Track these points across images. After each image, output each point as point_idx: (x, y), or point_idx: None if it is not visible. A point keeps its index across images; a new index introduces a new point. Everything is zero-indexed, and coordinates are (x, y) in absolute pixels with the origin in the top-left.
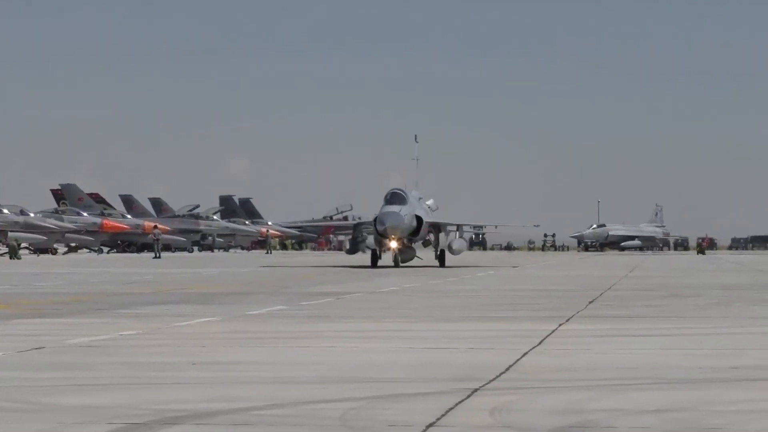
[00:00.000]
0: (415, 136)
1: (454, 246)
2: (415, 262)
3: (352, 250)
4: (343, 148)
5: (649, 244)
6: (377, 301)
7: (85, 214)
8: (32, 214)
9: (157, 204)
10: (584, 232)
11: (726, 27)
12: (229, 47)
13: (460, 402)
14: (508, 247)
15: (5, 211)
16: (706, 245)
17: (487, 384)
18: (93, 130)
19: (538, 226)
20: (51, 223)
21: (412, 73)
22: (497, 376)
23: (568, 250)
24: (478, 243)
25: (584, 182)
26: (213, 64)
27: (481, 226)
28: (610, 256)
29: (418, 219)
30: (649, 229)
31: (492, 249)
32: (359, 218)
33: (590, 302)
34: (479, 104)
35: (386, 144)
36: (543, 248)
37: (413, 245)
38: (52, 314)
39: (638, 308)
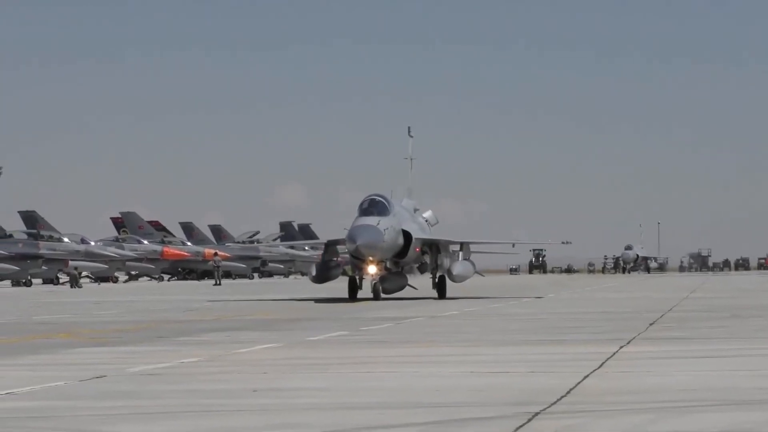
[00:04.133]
0: (409, 128)
1: (455, 270)
2: (405, 292)
3: (320, 278)
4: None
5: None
6: (437, 326)
7: (145, 241)
8: (93, 243)
9: (217, 231)
10: (627, 254)
11: None
12: (279, 80)
13: (520, 426)
14: (568, 270)
15: (66, 239)
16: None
17: (547, 408)
18: (152, 158)
19: (568, 243)
20: (111, 251)
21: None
22: (558, 400)
23: (630, 273)
24: (537, 266)
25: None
26: (268, 92)
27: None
28: (669, 277)
29: (407, 235)
30: (642, 251)
31: (552, 272)
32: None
33: (651, 324)
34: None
35: (444, 165)
36: (603, 270)
37: (404, 270)
38: (113, 342)
39: (699, 329)
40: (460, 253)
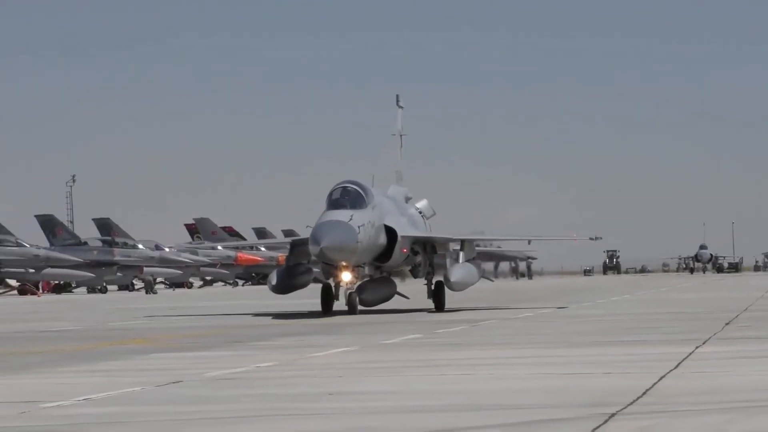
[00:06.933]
0: (397, 97)
1: (454, 276)
2: (393, 303)
3: (282, 287)
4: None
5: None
6: (512, 328)
7: (219, 247)
8: (167, 249)
9: (290, 235)
10: (703, 254)
11: None
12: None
13: (597, 427)
14: (642, 270)
15: (141, 246)
16: None
17: (624, 408)
18: (224, 164)
19: (599, 239)
20: (186, 257)
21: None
22: (634, 401)
23: (704, 273)
24: (611, 267)
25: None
26: (324, 97)
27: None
28: (744, 277)
29: (391, 232)
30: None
31: (626, 272)
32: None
33: (727, 324)
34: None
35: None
36: (677, 269)
37: (391, 275)
38: (189, 348)
39: None
40: (461, 253)
